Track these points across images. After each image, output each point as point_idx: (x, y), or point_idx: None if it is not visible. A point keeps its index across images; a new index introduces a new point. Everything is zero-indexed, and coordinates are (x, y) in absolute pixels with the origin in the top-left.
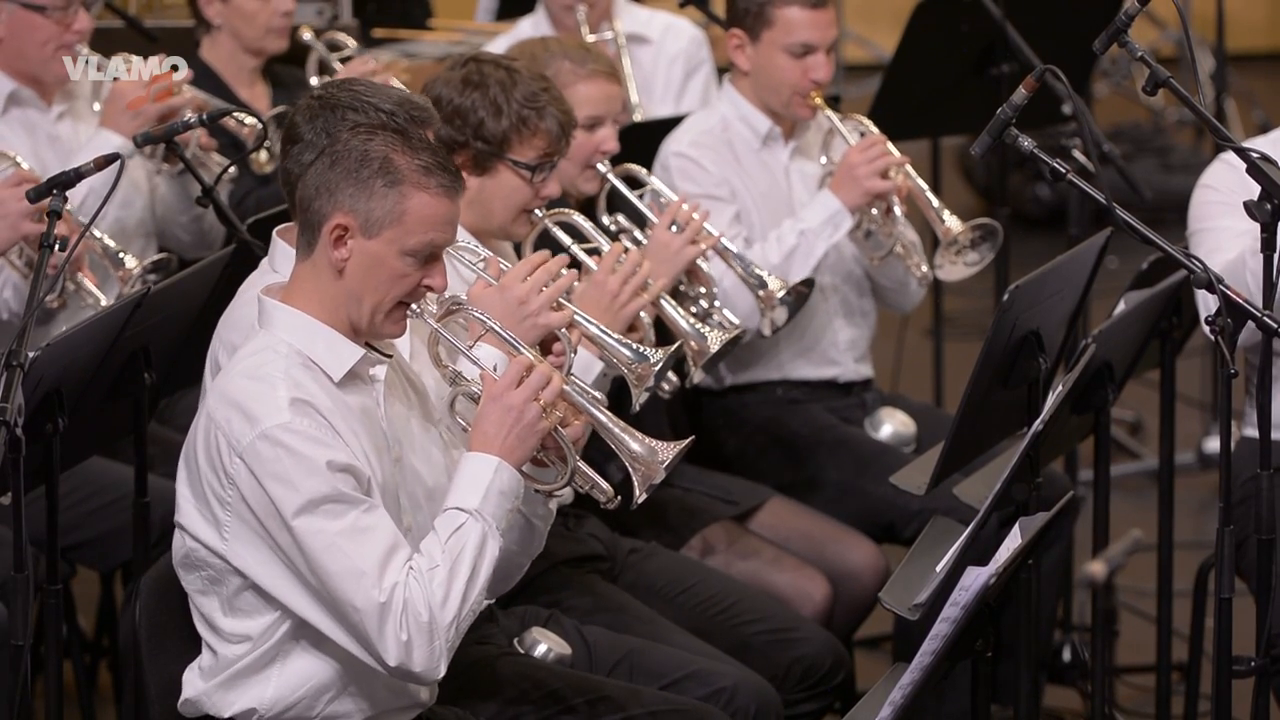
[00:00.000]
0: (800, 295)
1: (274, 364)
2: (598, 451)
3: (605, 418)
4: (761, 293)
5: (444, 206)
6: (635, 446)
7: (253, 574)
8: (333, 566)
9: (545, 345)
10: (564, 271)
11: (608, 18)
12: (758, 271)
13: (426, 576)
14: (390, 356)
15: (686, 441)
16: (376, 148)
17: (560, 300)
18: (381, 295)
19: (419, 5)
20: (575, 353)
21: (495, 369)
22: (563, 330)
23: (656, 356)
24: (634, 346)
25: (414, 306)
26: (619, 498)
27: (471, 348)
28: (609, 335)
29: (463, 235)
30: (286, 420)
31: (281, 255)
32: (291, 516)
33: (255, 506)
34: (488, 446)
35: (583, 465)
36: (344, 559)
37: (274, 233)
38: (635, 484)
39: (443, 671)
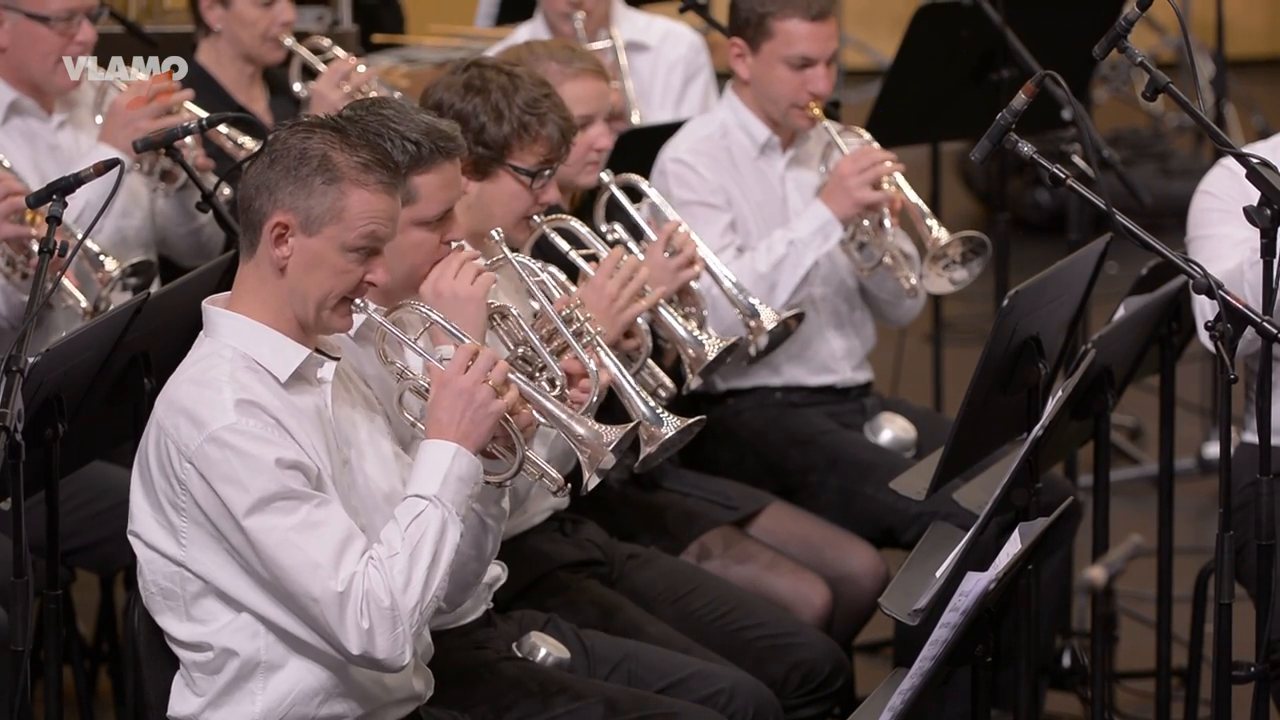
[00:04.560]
0: (787, 329)
1: (219, 368)
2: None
3: (550, 403)
4: (752, 322)
5: (383, 202)
6: (580, 430)
7: (212, 578)
8: (287, 561)
9: (572, 382)
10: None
11: (605, 24)
12: (749, 302)
13: (387, 564)
14: (338, 359)
15: (632, 425)
16: (315, 145)
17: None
18: (325, 292)
19: (390, 11)
20: (600, 398)
21: (441, 361)
22: (593, 369)
23: (670, 424)
24: (653, 405)
25: (358, 301)
26: (569, 485)
27: (416, 339)
28: (631, 386)
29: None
30: (232, 421)
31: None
32: (243, 516)
33: (208, 509)
34: (443, 433)
35: (531, 454)
36: (298, 553)
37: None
38: (584, 467)
39: (408, 659)
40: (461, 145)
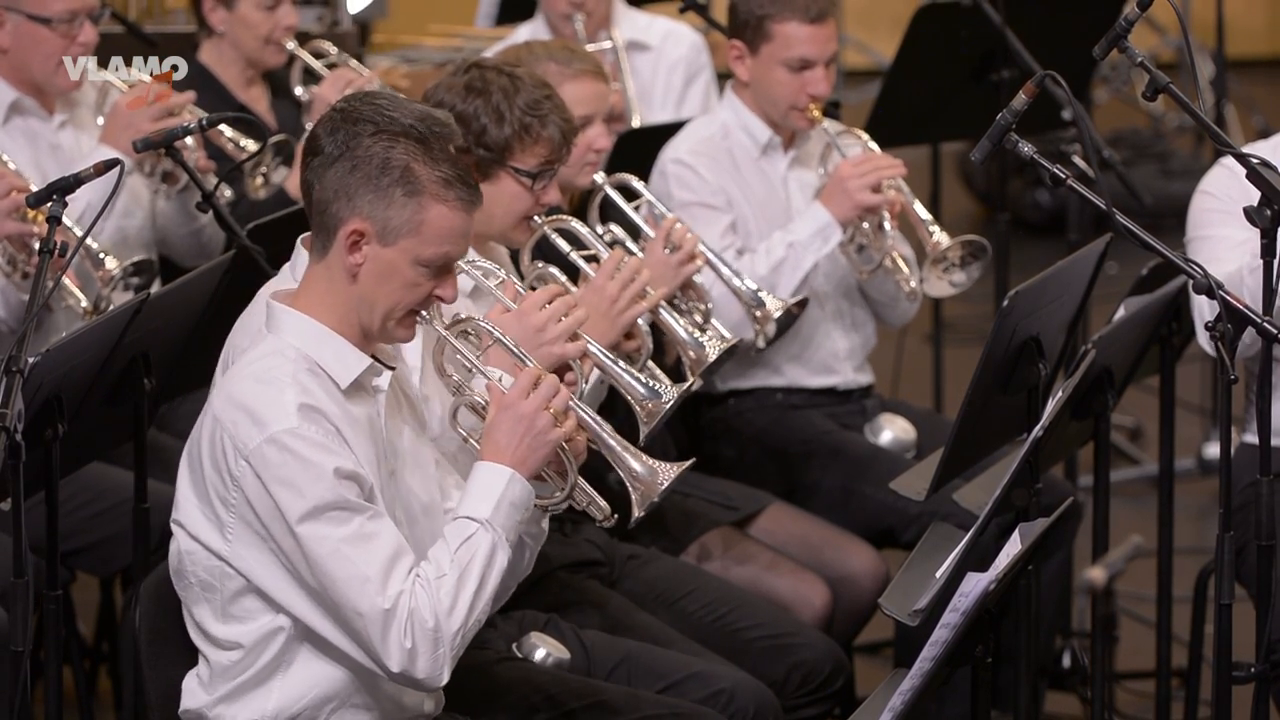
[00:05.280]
0: (792, 315)
1: (282, 368)
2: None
3: (608, 435)
4: (758, 312)
5: (461, 220)
6: (636, 466)
7: (255, 577)
8: (337, 573)
9: (558, 374)
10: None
11: (606, 25)
12: (752, 288)
13: (434, 585)
14: (394, 368)
15: (687, 463)
16: (398, 156)
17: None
18: (393, 303)
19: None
20: (587, 383)
21: (500, 381)
22: (575, 360)
23: (668, 394)
24: (646, 382)
25: (424, 314)
26: (615, 516)
27: (480, 357)
28: (621, 368)
29: (475, 255)
30: (294, 425)
31: (303, 263)
32: (296, 522)
33: (259, 510)
34: (500, 456)
35: (582, 481)
36: (348, 565)
37: (299, 241)
38: (634, 503)
39: (446, 679)
40: (455, 132)
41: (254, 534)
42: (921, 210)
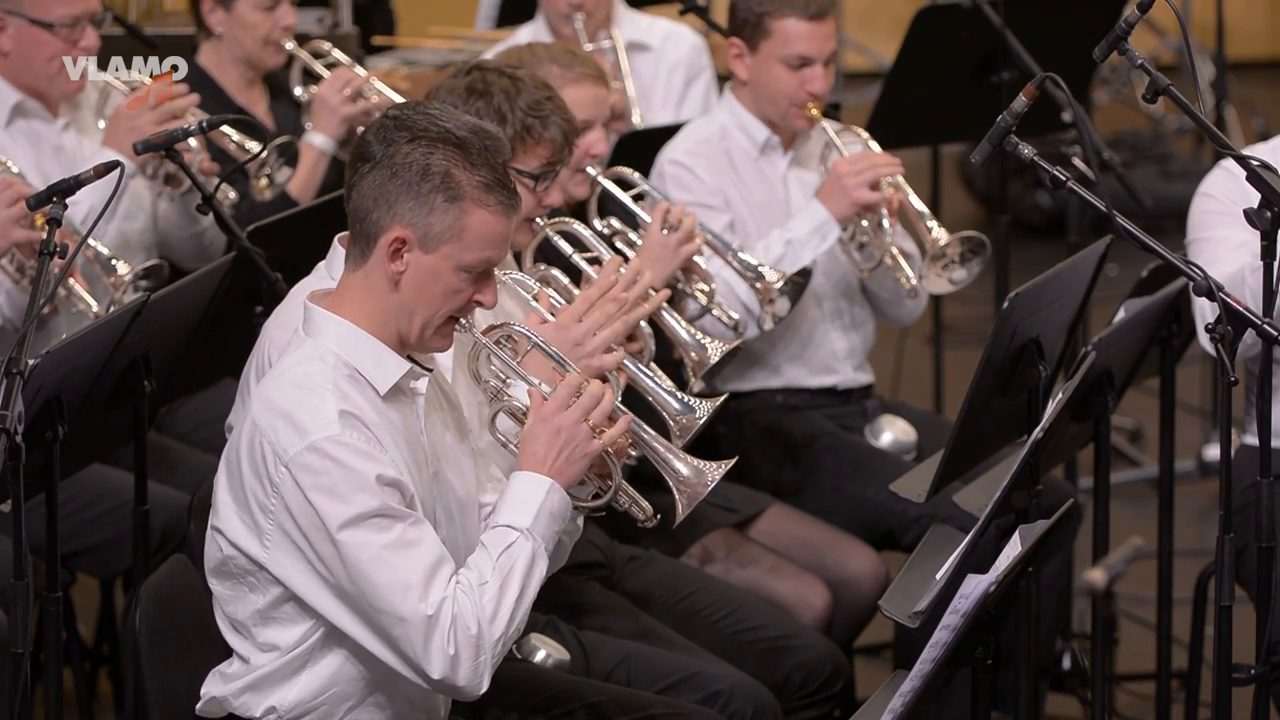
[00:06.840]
0: (797, 285)
1: (322, 374)
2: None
3: (652, 439)
4: (759, 285)
5: (502, 224)
6: (682, 469)
7: (293, 584)
8: (379, 579)
9: None
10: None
11: (606, 25)
12: (753, 264)
13: (476, 592)
14: (431, 370)
15: (729, 462)
16: (437, 162)
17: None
18: (434, 310)
19: (381, 13)
20: (620, 395)
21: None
22: (611, 372)
23: (702, 409)
24: (680, 397)
25: (462, 321)
26: (658, 516)
27: (520, 362)
28: (656, 383)
29: (514, 266)
30: (336, 433)
31: (340, 261)
32: (337, 530)
33: (299, 517)
34: (538, 467)
35: (625, 484)
36: (390, 572)
37: (335, 239)
38: (679, 505)
39: (485, 687)
40: (504, 147)
41: (291, 542)
42: (919, 203)
